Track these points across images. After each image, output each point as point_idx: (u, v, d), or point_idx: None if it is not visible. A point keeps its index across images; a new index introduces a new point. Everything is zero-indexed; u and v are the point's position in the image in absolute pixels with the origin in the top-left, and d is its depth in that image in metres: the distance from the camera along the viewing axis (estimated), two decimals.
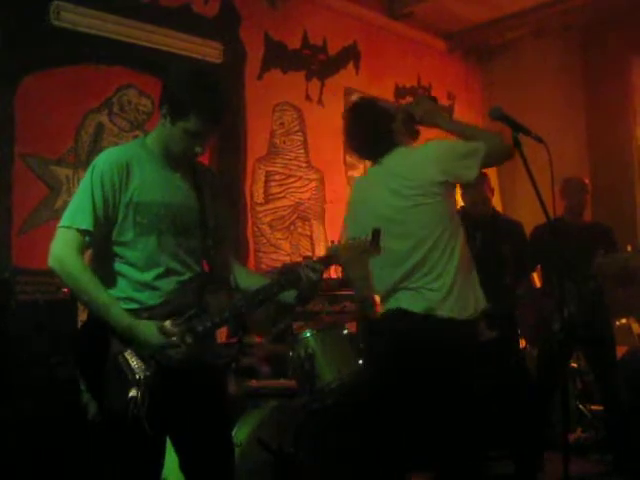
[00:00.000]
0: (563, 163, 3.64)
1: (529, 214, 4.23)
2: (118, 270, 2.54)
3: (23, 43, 4.56)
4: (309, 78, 6.45)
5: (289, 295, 2.68)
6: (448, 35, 7.67)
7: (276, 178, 6.14)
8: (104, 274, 2.51)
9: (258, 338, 4.69)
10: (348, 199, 3.58)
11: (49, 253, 2.45)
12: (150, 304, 2.50)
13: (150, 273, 2.53)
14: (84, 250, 2.49)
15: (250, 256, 5.83)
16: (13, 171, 4.55)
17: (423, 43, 7.51)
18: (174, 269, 2.57)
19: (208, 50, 5.59)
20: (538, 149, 2.97)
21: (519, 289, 4.89)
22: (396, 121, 3.29)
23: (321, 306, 4.96)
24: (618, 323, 6.02)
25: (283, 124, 6.24)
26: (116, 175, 2.50)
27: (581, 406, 5.68)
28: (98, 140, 5.03)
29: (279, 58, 6.20)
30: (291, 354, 3.98)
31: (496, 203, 5.67)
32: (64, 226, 2.47)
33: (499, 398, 4.43)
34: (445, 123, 3.32)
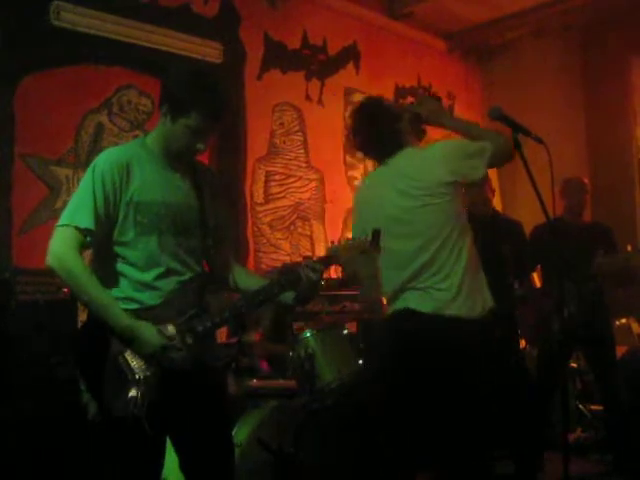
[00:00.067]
0: (563, 163, 3.64)
1: (529, 214, 4.23)
2: (118, 270, 2.54)
3: (23, 43, 4.56)
4: (309, 78, 6.46)
5: (289, 296, 2.68)
6: (448, 35, 7.67)
7: (276, 178, 6.15)
8: (104, 274, 2.50)
9: (257, 337, 4.69)
10: (354, 200, 3.58)
11: (48, 252, 2.44)
12: (150, 304, 2.50)
13: (150, 273, 2.53)
14: (83, 249, 2.48)
15: (250, 256, 5.83)
16: (13, 171, 4.56)
17: (423, 43, 7.51)
18: (174, 269, 2.57)
19: (208, 50, 5.59)
20: (538, 149, 2.97)
21: (519, 289, 4.89)
22: (403, 121, 3.29)
23: (321, 306, 4.97)
24: (618, 323, 6.03)
25: (283, 124, 6.24)
26: (117, 174, 2.49)
27: (581, 406, 5.68)
28: (98, 140, 5.03)
29: (279, 58, 6.20)
30: (291, 354, 3.97)
31: (496, 203, 5.67)
32: (63, 225, 2.46)
33: (499, 398, 4.43)
34: (451, 123, 3.31)
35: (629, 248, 4.58)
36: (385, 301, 3.31)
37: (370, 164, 6.77)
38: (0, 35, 4.46)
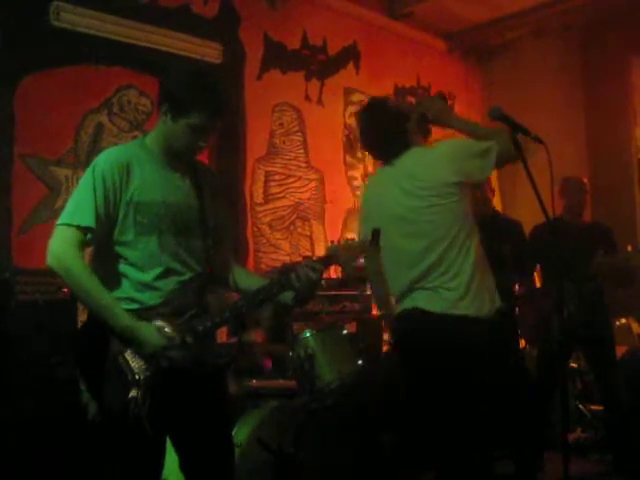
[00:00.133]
0: (562, 163, 3.64)
1: (529, 214, 4.22)
2: (119, 270, 2.54)
3: (23, 43, 4.56)
4: (309, 78, 6.46)
5: (288, 295, 2.68)
6: (448, 35, 7.67)
7: (276, 178, 6.15)
8: (105, 274, 2.50)
9: (259, 337, 4.68)
10: (360, 199, 3.58)
11: (48, 251, 2.44)
12: (150, 304, 2.50)
13: (150, 273, 2.53)
14: (84, 248, 2.48)
15: (250, 256, 5.83)
16: (13, 171, 4.56)
17: (423, 43, 7.51)
18: (174, 269, 2.57)
19: (207, 50, 5.59)
20: (537, 149, 2.97)
21: (519, 289, 4.89)
22: (409, 121, 3.28)
23: (321, 306, 4.96)
24: (618, 323, 6.02)
25: (283, 124, 6.24)
26: (117, 174, 2.49)
27: (581, 406, 5.68)
28: (98, 140, 5.03)
29: (278, 58, 6.20)
30: (291, 354, 3.97)
31: (496, 203, 5.67)
32: (63, 224, 2.46)
33: (499, 398, 4.43)
34: (457, 123, 3.30)
35: (629, 248, 4.58)
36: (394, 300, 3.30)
37: (370, 164, 6.79)
38: (0, 35, 4.47)
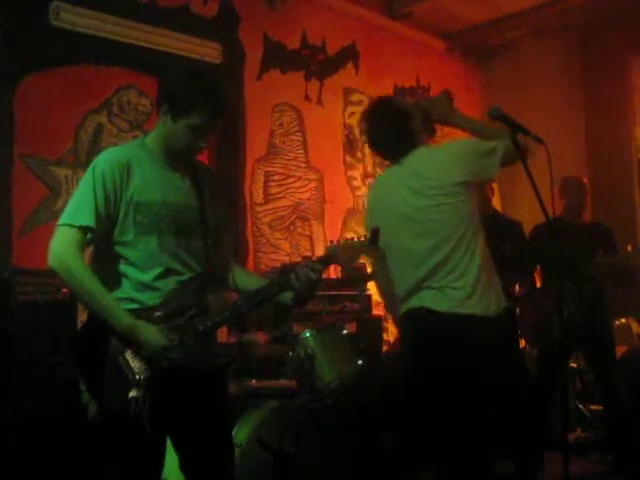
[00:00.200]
0: (562, 163, 3.64)
1: (529, 214, 4.23)
2: (119, 270, 2.53)
3: (23, 43, 4.56)
4: (308, 78, 6.46)
5: (288, 296, 2.68)
6: (447, 35, 7.67)
7: (275, 178, 6.15)
8: (104, 274, 2.50)
9: (261, 336, 4.68)
10: (366, 199, 3.58)
11: (49, 251, 2.44)
12: (150, 304, 2.50)
13: (150, 273, 2.53)
14: (84, 248, 2.48)
15: (249, 256, 5.83)
16: (13, 172, 4.56)
17: (422, 43, 7.51)
18: (174, 269, 2.57)
19: (207, 50, 5.59)
20: (537, 149, 2.98)
21: (519, 289, 4.89)
22: (415, 120, 3.28)
23: (321, 306, 4.96)
24: (618, 323, 6.02)
25: (282, 124, 6.24)
26: (117, 174, 2.49)
27: (581, 406, 5.68)
28: (97, 140, 5.03)
29: (278, 58, 6.20)
30: (291, 354, 3.97)
31: (496, 203, 5.67)
32: (64, 224, 2.46)
33: (499, 398, 4.43)
34: (462, 121, 3.30)
35: (629, 248, 4.57)
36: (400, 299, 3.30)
37: (369, 164, 6.80)
38: (0, 35, 4.47)
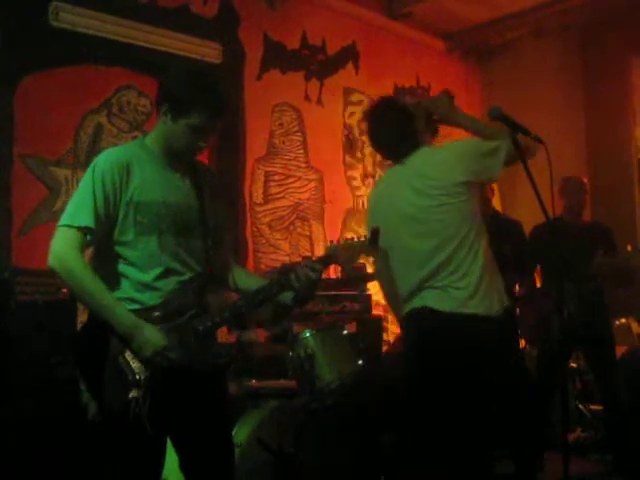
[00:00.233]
0: (562, 163, 3.64)
1: (528, 214, 4.23)
2: (119, 270, 2.53)
3: (23, 43, 4.56)
4: (308, 78, 6.46)
5: (287, 296, 2.68)
6: (447, 35, 7.67)
7: (275, 178, 6.15)
8: (104, 274, 2.50)
9: (260, 333, 4.67)
10: (369, 199, 3.58)
11: (49, 252, 2.44)
12: (151, 304, 2.50)
13: (150, 273, 2.53)
14: (85, 249, 2.48)
15: (249, 256, 5.83)
16: (12, 172, 4.56)
17: (422, 43, 7.51)
18: (174, 269, 2.57)
19: (207, 50, 5.59)
20: (537, 149, 2.98)
21: (519, 289, 4.89)
22: (418, 120, 3.29)
23: (321, 306, 4.96)
24: (618, 323, 6.02)
25: (282, 124, 6.24)
26: (117, 174, 2.49)
27: (581, 406, 5.68)
28: (97, 141, 5.03)
29: (278, 58, 6.20)
30: (291, 354, 3.97)
31: (496, 203, 5.67)
32: (64, 225, 2.46)
33: (499, 398, 4.43)
34: (465, 121, 3.30)
35: (629, 248, 4.57)
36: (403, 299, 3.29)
37: (369, 164, 6.80)
38: (0, 35, 4.47)
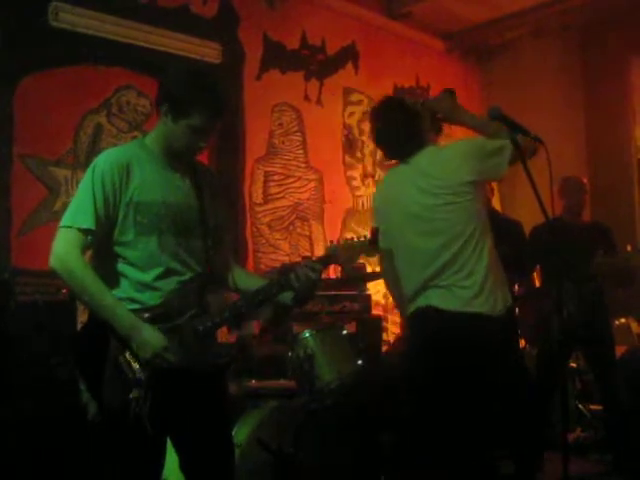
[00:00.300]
0: (562, 163, 3.64)
1: (528, 214, 4.23)
2: (119, 270, 2.54)
3: (22, 43, 4.56)
4: (308, 78, 6.45)
5: (287, 296, 2.68)
6: (447, 35, 7.67)
7: (275, 178, 6.14)
8: (104, 274, 2.50)
9: (256, 326, 4.67)
10: (373, 198, 3.58)
11: (51, 253, 2.44)
12: (151, 304, 2.50)
13: (150, 273, 2.53)
14: (85, 250, 2.48)
15: (249, 256, 5.83)
16: (12, 172, 4.55)
17: (422, 43, 7.51)
18: (174, 269, 2.57)
19: (207, 50, 5.59)
20: (537, 149, 2.98)
21: (518, 289, 4.89)
22: (423, 119, 3.29)
23: (321, 306, 4.96)
24: (617, 323, 6.02)
25: (282, 124, 6.24)
26: (117, 175, 2.49)
27: (580, 406, 5.68)
28: (97, 141, 5.03)
29: (278, 58, 6.20)
30: (290, 354, 3.97)
31: (495, 203, 5.67)
32: (65, 226, 2.46)
33: (499, 398, 4.43)
34: (469, 120, 3.31)
35: (629, 248, 4.57)
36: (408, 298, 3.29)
37: (369, 164, 6.80)
38: (0, 35, 4.46)
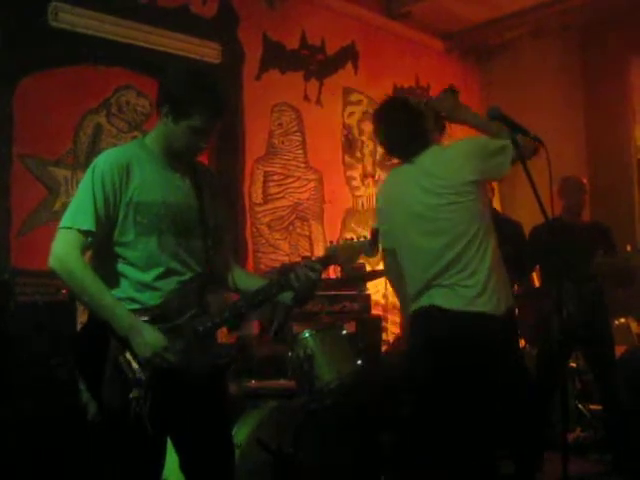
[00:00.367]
0: (562, 163, 3.64)
1: (528, 214, 4.23)
2: (119, 270, 2.54)
3: (22, 43, 4.56)
4: (307, 78, 6.45)
5: (287, 296, 2.68)
6: (446, 35, 7.67)
7: (275, 178, 6.14)
8: (104, 274, 2.50)
9: (255, 326, 4.66)
10: (376, 198, 3.59)
11: (50, 253, 2.44)
12: (151, 304, 2.50)
13: (150, 273, 2.53)
14: (85, 250, 2.48)
15: (249, 256, 5.83)
16: (12, 172, 4.55)
17: (421, 43, 7.51)
18: (174, 269, 2.57)
19: (206, 50, 5.59)
20: (538, 149, 2.98)
21: (518, 289, 4.89)
22: (427, 119, 3.29)
23: (321, 306, 4.96)
24: (617, 323, 6.02)
25: (281, 124, 6.24)
26: (116, 175, 2.49)
27: (580, 406, 5.68)
28: (97, 141, 5.03)
29: (277, 58, 6.20)
30: (290, 354, 3.97)
31: (495, 204, 5.67)
32: (65, 227, 2.46)
33: (499, 398, 4.43)
34: (472, 119, 3.32)
35: (629, 248, 4.58)
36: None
37: (369, 164, 6.80)
38: (0, 35, 4.46)
